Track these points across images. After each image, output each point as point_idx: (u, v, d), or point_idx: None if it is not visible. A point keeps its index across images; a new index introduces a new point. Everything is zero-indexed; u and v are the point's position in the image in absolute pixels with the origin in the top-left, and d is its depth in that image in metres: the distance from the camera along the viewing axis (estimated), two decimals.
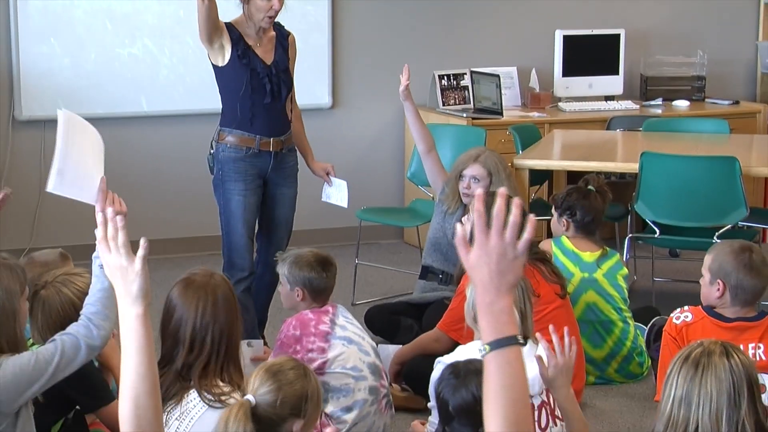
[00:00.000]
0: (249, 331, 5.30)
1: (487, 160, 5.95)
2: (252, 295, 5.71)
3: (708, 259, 4.50)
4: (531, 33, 8.36)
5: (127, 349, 2.95)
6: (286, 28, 5.77)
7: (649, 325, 5.63)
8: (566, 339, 4.06)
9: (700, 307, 4.49)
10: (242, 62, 5.56)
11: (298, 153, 5.86)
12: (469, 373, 3.55)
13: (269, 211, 5.80)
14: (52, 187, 3.75)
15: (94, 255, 3.56)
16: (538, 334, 4.33)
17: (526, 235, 2.40)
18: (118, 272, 3.03)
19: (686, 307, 4.48)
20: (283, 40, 5.73)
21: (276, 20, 5.68)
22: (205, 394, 3.74)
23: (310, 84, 7.89)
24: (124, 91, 7.56)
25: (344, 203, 5.97)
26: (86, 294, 4.00)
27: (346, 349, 4.74)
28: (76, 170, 3.82)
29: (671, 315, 4.49)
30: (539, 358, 3.98)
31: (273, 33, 5.70)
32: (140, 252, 3.03)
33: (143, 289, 3.05)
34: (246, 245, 5.68)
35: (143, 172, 7.68)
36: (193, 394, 3.77)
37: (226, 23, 5.57)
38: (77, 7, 7.42)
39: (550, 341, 4.60)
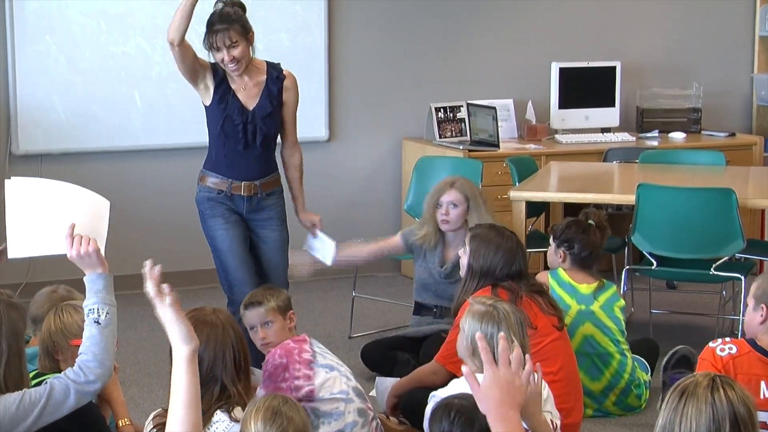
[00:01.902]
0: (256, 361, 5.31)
1: (463, 186, 6.02)
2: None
3: (753, 287, 4.34)
4: (527, 65, 8.38)
5: (174, 388, 3.34)
6: (284, 70, 5.70)
7: (672, 352, 5.62)
8: (528, 365, 4.06)
9: (742, 339, 4.30)
10: (219, 107, 5.56)
11: (286, 196, 5.81)
12: (463, 408, 3.54)
13: (258, 257, 5.78)
14: (10, 255, 3.81)
15: (84, 303, 3.59)
16: (538, 364, 4.31)
17: (528, 368, 3.17)
18: (162, 319, 3.44)
19: (727, 339, 4.27)
20: (273, 84, 5.65)
21: (272, 61, 5.68)
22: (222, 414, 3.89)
23: (307, 117, 7.85)
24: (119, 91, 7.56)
25: (328, 261, 5.92)
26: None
27: (330, 375, 4.76)
28: (31, 229, 3.82)
29: (712, 345, 4.25)
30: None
31: (262, 77, 5.65)
32: (167, 300, 3.39)
33: (182, 333, 3.42)
34: (243, 278, 5.64)
35: (142, 203, 7.67)
36: (217, 418, 3.89)
37: (214, 63, 5.57)
38: (79, 54, 7.44)
39: (546, 373, 4.60)
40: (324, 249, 5.90)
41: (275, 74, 5.67)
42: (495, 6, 8.33)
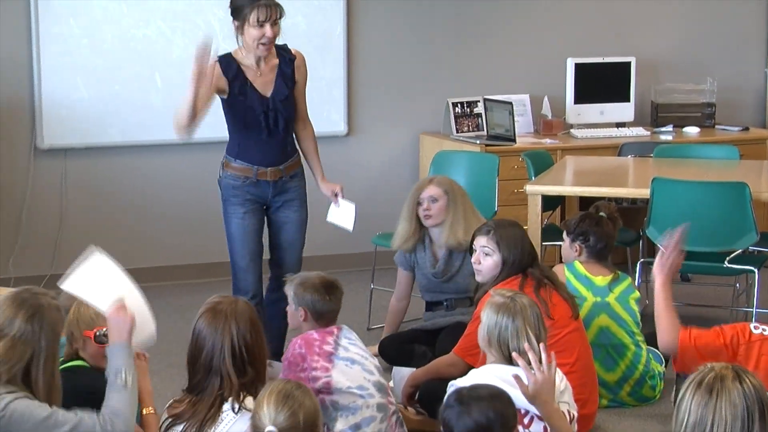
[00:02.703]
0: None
1: (442, 181, 6.10)
2: (265, 321, 5.73)
3: None
4: (543, 61, 8.39)
5: None
6: (292, 49, 5.73)
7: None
8: (543, 355, 4.09)
9: None
10: (239, 99, 5.58)
11: (306, 177, 5.85)
12: (473, 399, 3.56)
13: (275, 236, 5.83)
14: (63, 285, 3.98)
15: (110, 368, 3.72)
16: (552, 354, 4.34)
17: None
18: None
19: (764, 325, 4.32)
20: (286, 66, 5.68)
21: (281, 44, 5.68)
22: (234, 402, 3.89)
23: (326, 112, 7.93)
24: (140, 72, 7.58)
25: (349, 226, 5.94)
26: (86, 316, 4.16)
27: (350, 369, 4.76)
28: (91, 283, 4.00)
29: (750, 323, 4.35)
30: (517, 378, 4.01)
31: (276, 60, 5.67)
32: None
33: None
34: (247, 267, 5.71)
35: (161, 196, 7.71)
36: (225, 408, 3.89)
37: (224, 56, 5.59)
38: (100, 38, 7.47)
39: (563, 365, 4.62)
40: (346, 215, 5.92)
41: (287, 57, 5.70)
42: (511, 2, 8.34)
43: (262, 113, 5.60)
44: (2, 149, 7.41)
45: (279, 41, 5.61)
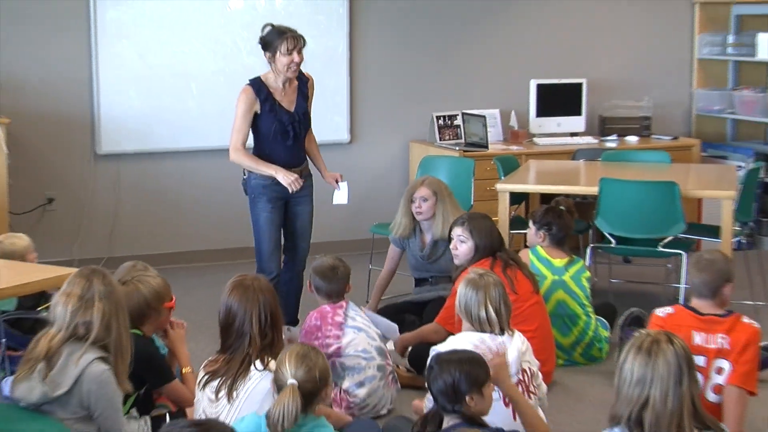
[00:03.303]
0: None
1: (431, 183, 6.06)
2: (281, 296, 5.73)
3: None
4: (510, 82, 8.36)
5: None
6: (305, 73, 5.75)
7: (627, 313, 5.68)
8: (492, 345, 4.11)
9: (678, 304, 4.47)
10: (270, 115, 5.60)
11: (313, 178, 5.85)
12: (444, 362, 3.61)
13: (291, 225, 5.83)
14: None
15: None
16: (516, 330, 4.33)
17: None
18: None
19: (666, 306, 4.41)
20: (303, 86, 5.73)
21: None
22: (259, 365, 3.90)
23: (333, 123, 7.91)
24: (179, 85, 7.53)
25: (345, 200, 5.95)
26: (157, 291, 4.12)
27: (357, 336, 4.80)
28: None
29: (654, 311, 4.41)
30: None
31: (296, 82, 5.70)
32: None
33: None
34: (271, 253, 5.72)
35: (198, 194, 7.69)
36: (253, 369, 3.90)
37: (254, 79, 5.63)
38: (147, 59, 7.44)
39: (526, 331, 4.61)
40: (343, 194, 5.94)
41: (303, 79, 5.73)
42: (485, 34, 8.31)
43: (290, 124, 5.63)
44: (68, 154, 7.38)
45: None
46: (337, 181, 5.93)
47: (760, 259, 7.25)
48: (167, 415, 4.20)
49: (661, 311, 4.38)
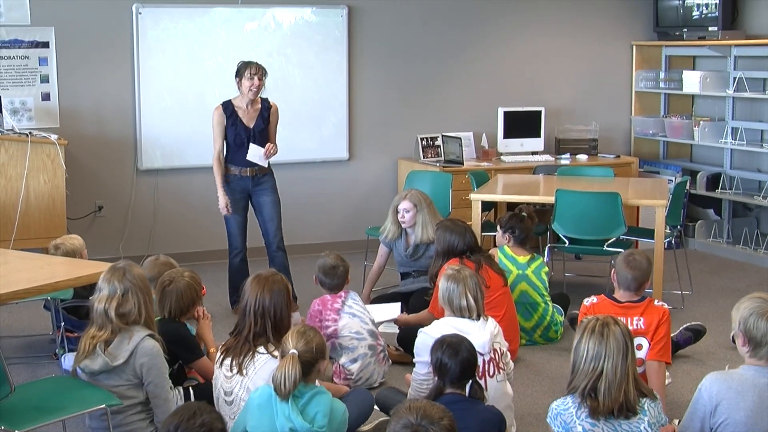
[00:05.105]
0: None
1: (413, 197, 6.04)
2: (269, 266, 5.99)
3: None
4: (482, 109, 8.36)
5: None
6: (272, 102, 6.05)
7: (568, 314, 5.71)
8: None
9: (602, 295, 4.49)
10: (233, 128, 5.96)
11: (273, 175, 6.12)
12: (450, 343, 3.64)
13: (259, 213, 6.16)
14: None
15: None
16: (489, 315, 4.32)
17: None
18: None
19: (592, 297, 4.47)
20: (265, 110, 6.02)
21: (265, 97, 6.02)
22: (264, 349, 3.83)
23: (335, 144, 7.90)
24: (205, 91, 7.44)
25: (256, 159, 5.98)
26: (197, 282, 4.13)
27: (351, 320, 4.81)
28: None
29: (584, 301, 4.46)
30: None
31: (259, 106, 6.00)
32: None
33: None
34: (235, 232, 6.09)
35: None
36: (260, 351, 3.83)
37: (226, 101, 6.00)
38: (180, 90, 7.41)
39: (495, 316, 4.60)
40: (255, 154, 5.97)
41: (266, 105, 6.04)
42: (461, 70, 8.31)
43: (246, 137, 5.96)
44: (115, 170, 7.36)
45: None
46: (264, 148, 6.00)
47: (686, 257, 7.27)
48: (196, 384, 4.19)
49: (587, 301, 4.45)
